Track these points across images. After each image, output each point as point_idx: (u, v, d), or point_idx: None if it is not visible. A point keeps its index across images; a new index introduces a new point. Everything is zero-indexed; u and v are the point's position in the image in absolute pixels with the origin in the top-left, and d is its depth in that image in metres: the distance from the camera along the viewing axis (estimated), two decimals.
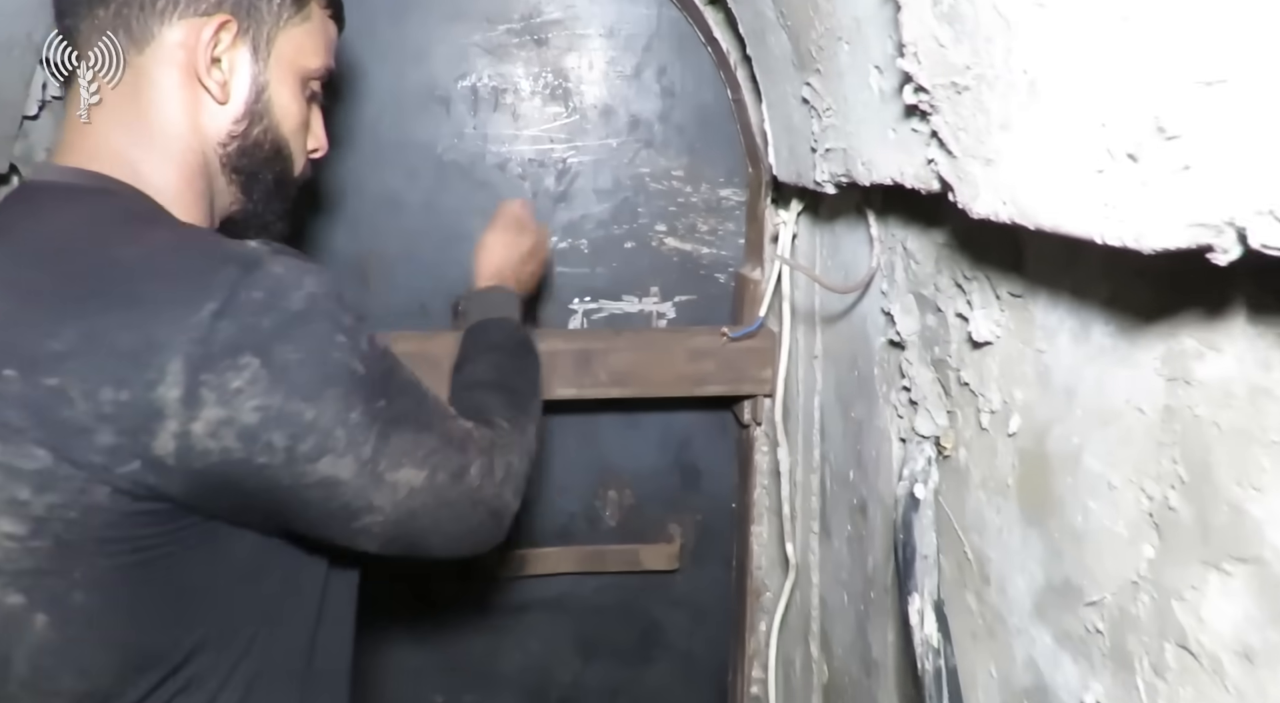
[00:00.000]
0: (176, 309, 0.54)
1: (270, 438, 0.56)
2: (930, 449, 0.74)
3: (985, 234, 0.64)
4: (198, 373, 0.53)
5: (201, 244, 0.59)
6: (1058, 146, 0.43)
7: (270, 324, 0.56)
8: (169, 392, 0.53)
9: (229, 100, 0.70)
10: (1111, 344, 0.51)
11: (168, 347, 0.53)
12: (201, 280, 0.55)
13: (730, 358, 1.25)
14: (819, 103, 0.80)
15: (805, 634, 1.22)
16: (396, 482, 0.64)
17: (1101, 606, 0.53)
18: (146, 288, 0.55)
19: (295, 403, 0.57)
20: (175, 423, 0.54)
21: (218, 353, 0.54)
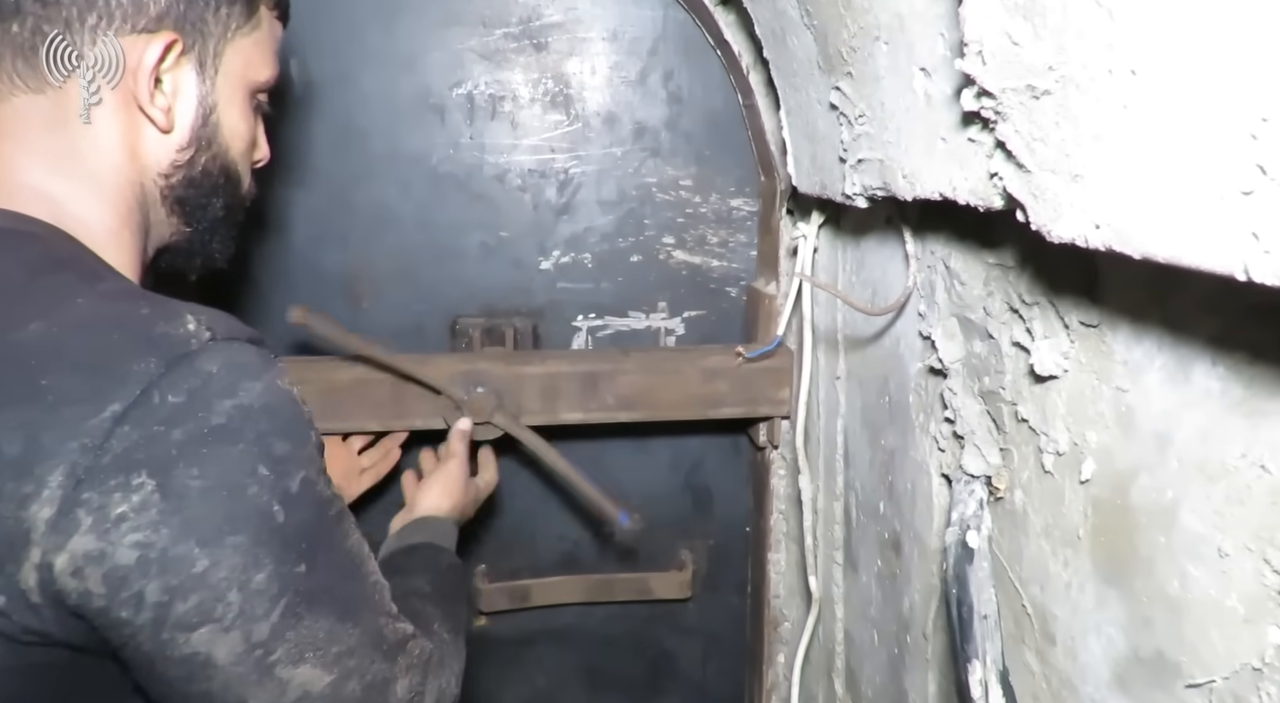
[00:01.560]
0: (75, 406, 0.44)
1: (143, 589, 0.46)
2: (981, 490, 0.67)
3: (1051, 257, 0.57)
4: (79, 490, 0.44)
5: (124, 321, 0.48)
6: (1177, 162, 0.35)
7: (181, 437, 0.46)
8: (41, 511, 0.44)
9: (173, 127, 0.61)
10: (1221, 388, 0.44)
11: (55, 454, 0.44)
12: (112, 372, 0.45)
13: (745, 378, 1.18)
14: (850, 109, 0.73)
15: (829, 670, 1.14)
16: (289, 681, 0.51)
17: (1210, 690, 0.45)
18: (45, 379, 0.45)
19: (186, 545, 0.46)
20: (38, 552, 0.44)
21: (108, 466, 0.44)
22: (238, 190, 0.69)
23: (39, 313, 0.47)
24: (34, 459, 0.44)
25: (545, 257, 1.31)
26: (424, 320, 1.28)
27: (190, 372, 0.47)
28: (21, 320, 0.47)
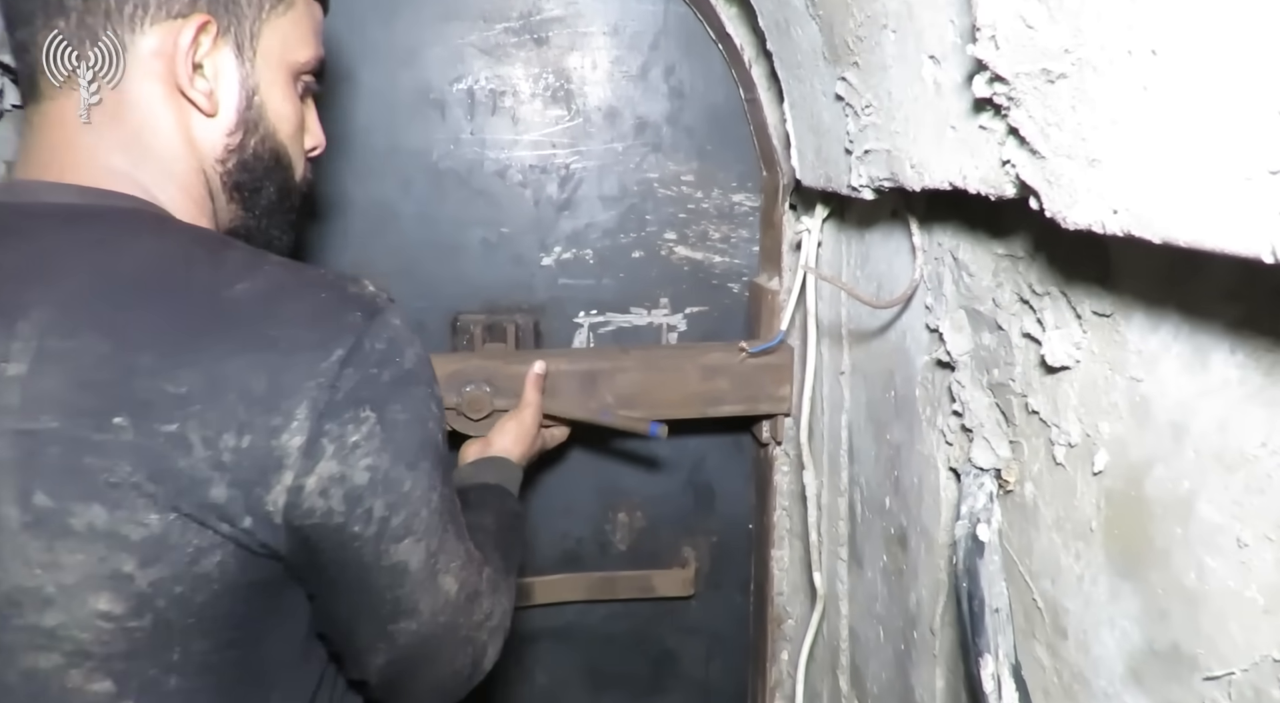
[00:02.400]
0: (307, 352, 0.51)
1: (372, 505, 0.54)
2: (991, 483, 0.67)
3: (1062, 245, 0.56)
4: (322, 422, 0.51)
5: (322, 283, 0.55)
6: (1200, 143, 0.35)
7: (388, 378, 0.53)
8: (292, 440, 0.50)
9: (218, 111, 0.62)
10: (1240, 376, 0.43)
11: (297, 391, 0.50)
12: (330, 323, 0.52)
13: (746, 375, 1.17)
14: (856, 100, 0.73)
15: (833, 668, 1.14)
16: (441, 587, 0.60)
17: (1229, 683, 0.45)
18: (273, 329, 0.51)
19: (399, 469, 0.55)
20: (291, 475, 0.50)
21: (343, 401, 0.51)
22: (289, 175, 0.69)
23: (239, 276, 0.52)
24: (279, 396, 0.50)
25: (546, 253, 1.30)
26: (425, 317, 1.27)
27: (384, 324, 0.54)
28: (228, 282, 0.52)
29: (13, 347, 0.49)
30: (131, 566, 0.48)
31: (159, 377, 0.48)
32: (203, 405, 0.48)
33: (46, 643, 0.49)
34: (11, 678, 0.49)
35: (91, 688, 0.49)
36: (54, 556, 0.48)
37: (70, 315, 0.49)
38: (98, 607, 0.48)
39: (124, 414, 0.48)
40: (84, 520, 0.48)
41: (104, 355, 0.48)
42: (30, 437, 0.48)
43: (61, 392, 0.48)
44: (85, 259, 0.52)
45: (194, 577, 0.50)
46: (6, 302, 0.50)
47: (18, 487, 0.47)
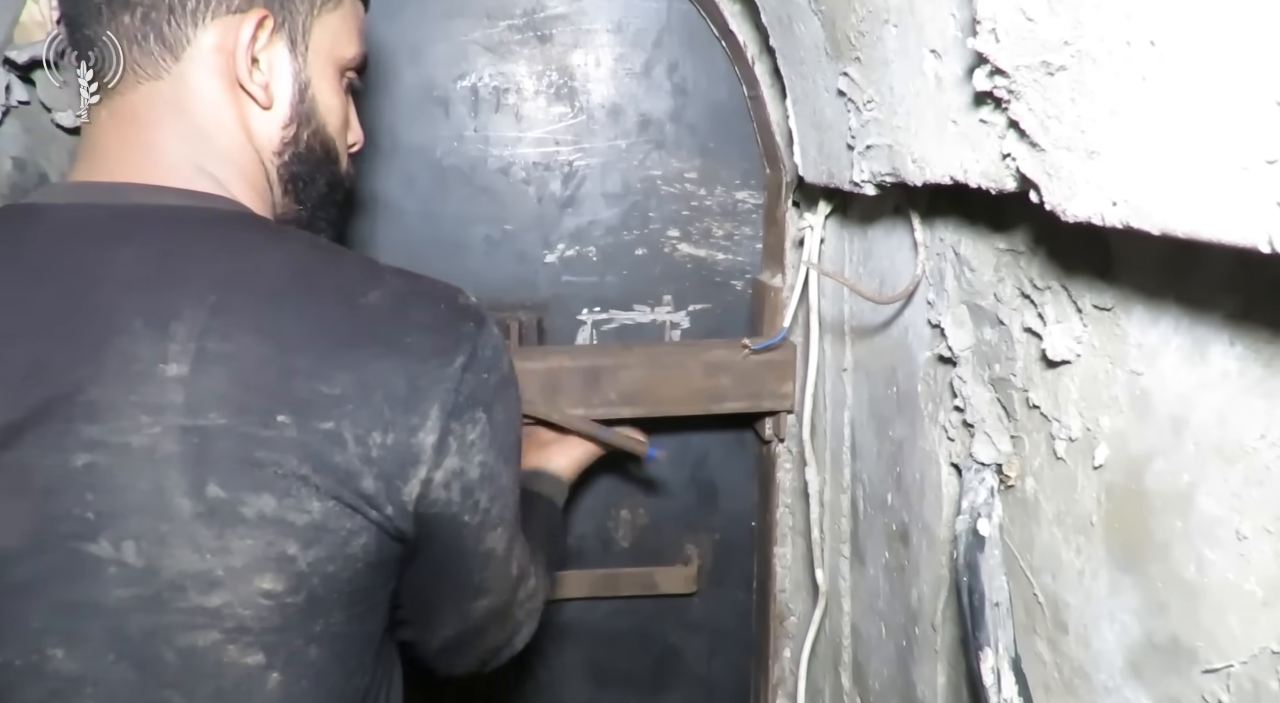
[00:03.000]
0: (436, 358, 0.56)
1: (479, 496, 0.59)
2: (992, 478, 0.67)
3: (1063, 238, 0.56)
4: (449, 421, 0.56)
5: (439, 294, 0.59)
6: (1198, 133, 0.35)
7: (494, 383, 0.59)
8: (427, 438, 0.55)
9: (273, 104, 0.63)
10: (1239, 368, 0.43)
11: (430, 394, 0.55)
12: (452, 332, 0.57)
13: (749, 372, 1.17)
14: (858, 95, 0.73)
15: (836, 664, 1.14)
16: (509, 571, 0.68)
17: (1227, 675, 0.45)
18: (408, 336, 0.55)
19: (500, 464, 0.60)
20: (424, 469, 0.56)
21: (464, 404, 0.56)
22: (337, 168, 0.71)
23: (369, 283, 0.57)
24: (416, 398, 0.54)
25: (550, 250, 1.30)
26: None
27: (489, 333, 0.59)
28: (361, 289, 0.56)
29: (170, 348, 0.51)
30: (295, 548, 0.53)
31: (316, 379, 0.52)
32: (354, 405, 0.53)
33: (208, 622, 0.52)
34: (168, 656, 0.52)
35: (245, 661, 0.53)
36: (224, 542, 0.51)
37: (223, 320, 0.52)
38: (262, 586, 0.52)
39: (286, 413, 0.52)
40: (254, 509, 0.51)
41: (264, 358, 0.52)
42: (198, 433, 0.50)
43: (226, 391, 0.51)
44: (219, 264, 0.54)
45: (344, 557, 0.55)
46: (152, 305, 0.52)
47: (190, 479, 0.50)
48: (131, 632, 0.51)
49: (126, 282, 0.53)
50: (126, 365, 0.51)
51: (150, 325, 0.51)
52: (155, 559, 0.51)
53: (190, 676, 0.53)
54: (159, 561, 0.51)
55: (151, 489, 0.50)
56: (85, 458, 0.50)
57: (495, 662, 0.75)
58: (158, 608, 0.51)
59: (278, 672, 0.54)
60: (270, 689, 0.54)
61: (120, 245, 0.54)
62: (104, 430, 0.50)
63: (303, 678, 0.55)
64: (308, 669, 0.56)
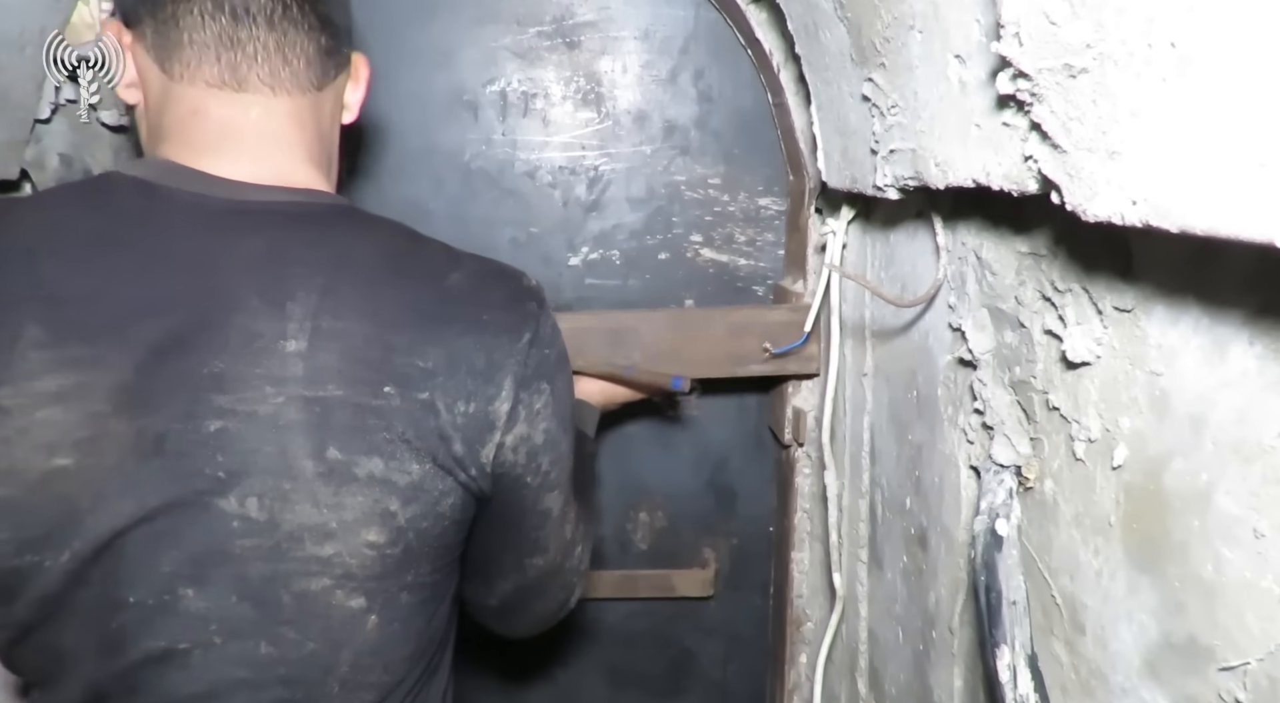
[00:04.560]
0: (508, 334, 0.61)
1: (541, 460, 0.65)
2: (1011, 480, 0.67)
3: (1084, 240, 0.57)
4: (519, 391, 0.61)
5: (506, 276, 0.65)
6: (1217, 132, 0.36)
7: (554, 357, 0.65)
8: (502, 406, 0.61)
9: (355, 119, 0.74)
10: (1259, 367, 0.43)
11: (504, 367, 0.61)
12: (519, 310, 0.63)
13: (774, 334, 1.15)
14: (883, 100, 0.74)
15: (852, 670, 1.14)
16: (565, 533, 0.73)
17: (1243, 673, 0.45)
18: (485, 314, 0.61)
19: (560, 431, 0.66)
20: (499, 434, 0.61)
21: (531, 375, 0.62)
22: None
23: (449, 267, 0.63)
24: (492, 370, 0.60)
25: (574, 253, 1.32)
26: None
27: (547, 313, 0.65)
28: (443, 272, 0.62)
29: (289, 326, 0.56)
30: (396, 505, 0.58)
31: (412, 354, 0.58)
32: (444, 377, 0.59)
33: (320, 569, 0.58)
34: (285, 599, 0.58)
35: (349, 604, 0.60)
36: (339, 498, 0.57)
37: (332, 301, 0.57)
38: (368, 538, 0.58)
39: (391, 384, 0.57)
40: (366, 470, 0.57)
41: (369, 336, 0.57)
42: (319, 403, 0.56)
43: (339, 365, 0.57)
44: (324, 251, 0.60)
45: (435, 514, 0.61)
46: (268, 286, 0.57)
47: (313, 444, 0.56)
48: (252, 577, 0.57)
49: (243, 266, 0.58)
50: (250, 341, 0.56)
51: (268, 304, 0.57)
52: (277, 513, 0.57)
53: (303, 615, 0.59)
54: (280, 515, 0.57)
55: (276, 452, 0.56)
56: (217, 424, 0.55)
57: (551, 622, 0.82)
58: (277, 557, 0.57)
59: (375, 614, 0.61)
60: (369, 630, 0.61)
61: (237, 237, 0.59)
62: (232, 400, 0.55)
63: (395, 620, 0.62)
64: (399, 613, 0.62)
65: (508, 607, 0.77)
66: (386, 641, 0.62)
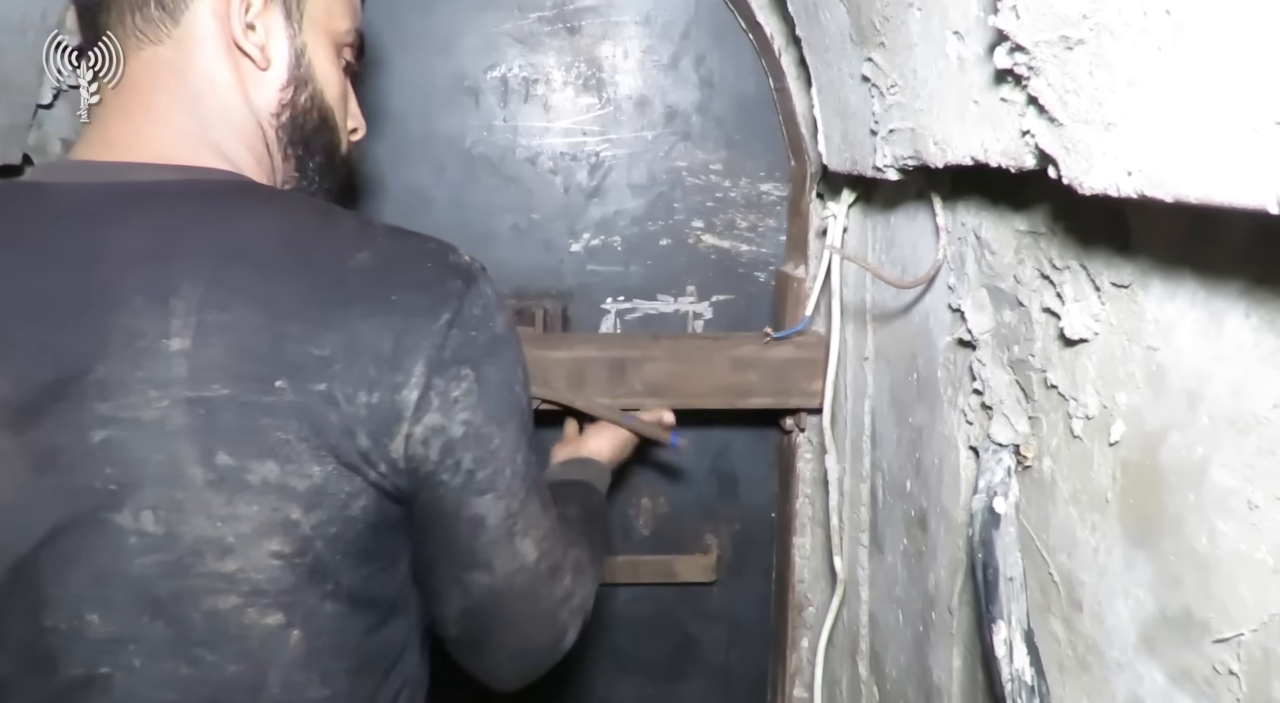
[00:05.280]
0: (422, 316, 0.55)
1: (461, 457, 0.58)
2: (1009, 459, 0.67)
3: (1083, 217, 0.57)
4: (432, 377, 0.55)
5: (427, 252, 0.59)
6: (1210, 99, 0.36)
7: (483, 341, 0.58)
8: (410, 394, 0.55)
9: (270, 65, 0.64)
10: (1255, 340, 0.43)
11: (415, 351, 0.55)
12: (438, 289, 0.57)
13: (777, 369, 1.16)
14: (882, 80, 0.74)
15: (853, 653, 1.14)
16: (517, 551, 0.63)
17: (1237, 644, 0.45)
18: (394, 294, 0.55)
19: (490, 426, 0.59)
20: (406, 425, 0.55)
21: (449, 360, 0.56)
22: (336, 139, 0.71)
23: (358, 245, 0.57)
24: (400, 355, 0.54)
25: (575, 239, 1.32)
26: None
27: (479, 292, 0.58)
28: (349, 251, 0.56)
29: (172, 323, 0.52)
30: (298, 513, 0.54)
31: (306, 342, 0.53)
32: (342, 366, 0.53)
33: (226, 586, 0.54)
34: (195, 617, 0.54)
35: (265, 622, 0.55)
36: (233, 508, 0.53)
37: (219, 291, 0.53)
38: (270, 548, 0.54)
39: (283, 377, 0.52)
40: (259, 476, 0.53)
41: (259, 326, 0.53)
42: (204, 404, 0.52)
43: (226, 361, 0.52)
44: (213, 236, 0.55)
45: (345, 519, 0.55)
46: (151, 281, 0.53)
47: (200, 449, 0.52)
48: (161, 595, 0.54)
49: (126, 259, 0.54)
50: (131, 342, 0.52)
51: (151, 301, 0.53)
52: (174, 526, 0.53)
53: (217, 636, 0.55)
54: (177, 528, 0.53)
55: (165, 460, 0.52)
56: (101, 434, 0.52)
57: (538, 666, 0.69)
58: (180, 573, 0.53)
59: (298, 629, 0.56)
60: (293, 645, 0.56)
61: (119, 225, 0.55)
62: (115, 406, 0.52)
63: (323, 634, 0.57)
64: (326, 624, 0.57)
65: (470, 636, 0.67)
66: (318, 655, 0.57)
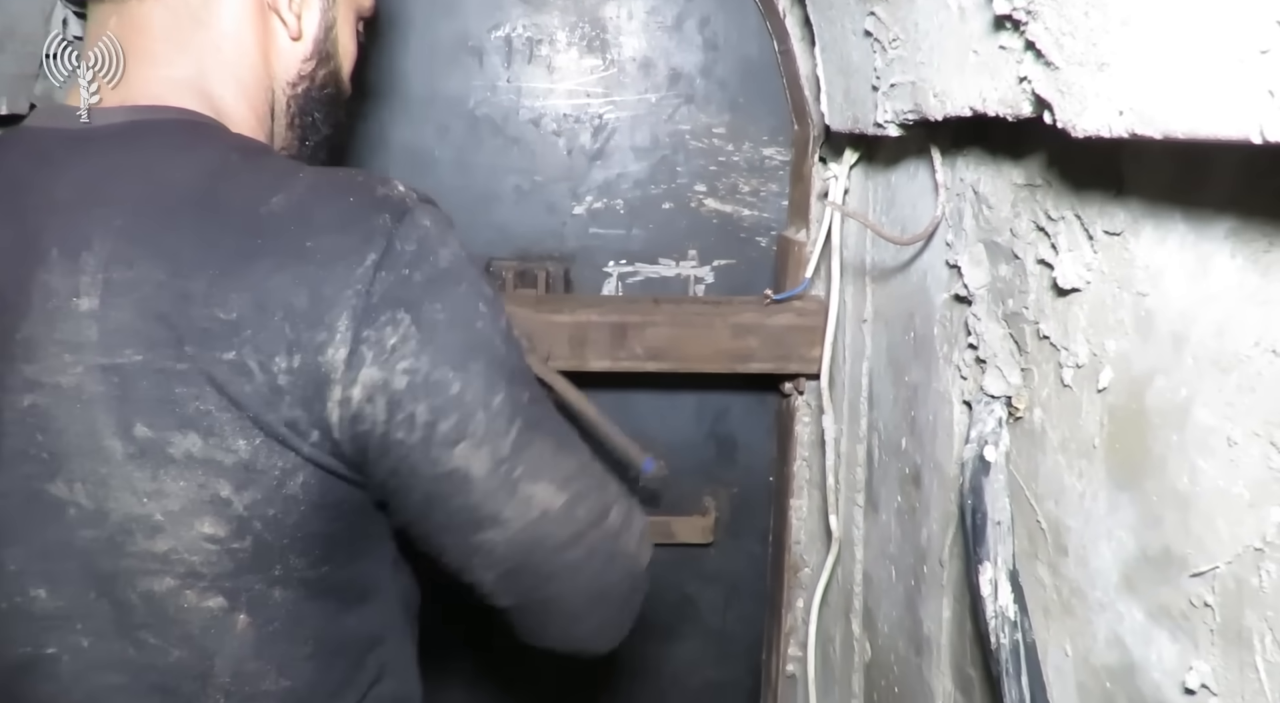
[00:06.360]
0: (343, 261, 0.49)
1: (414, 410, 0.51)
2: (1001, 410, 0.68)
3: (1077, 166, 0.58)
4: (360, 329, 0.49)
5: (350, 188, 0.52)
6: (1199, 33, 0.36)
7: (421, 279, 0.51)
8: (337, 353, 0.49)
9: (302, 36, 0.63)
10: (1239, 281, 0.44)
11: (337, 302, 0.49)
12: (360, 228, 0.50)
13: (776, 335, 1.17)
14: (884, 34, 0.74)
15: (846, 611, 1.16)
16: (531, 496, 0.55)
17: (1212, 577, 0.47)
18: (309, 239, 0.49)
19: (442, 370, 0.51)
20: (339, 388, 0.49)
21: (377, 305, 0.49)
22: (341, 112, 0.70)
23: (275, 188, 0.51)
24: (321, 309, 0.48)
25: (578, 202, 1.33)
26: None
27: (413, 224, 0.51)
28: (264, 195, 0.50)
29: (81, 281, 0.48)
30: (228, 490, 0.49)
31: (211, 304, 0.48)
32: (253, 330, 0.48)
33: (160, 567, 0.50)
34: (133, 599, 0.51)
35: (205, 605, 0.51)
36: (159, 484, 0.49)
37: (127, 244, 0.49)
38: (203, 531, 0.50)
39: (191, 343, 0.48)
40: (182, 449, 0.48)
41: (161, 283, 0.48)
42: (117, 371, 0.48)
43: (135, 324, 0.48)
44: (135, 182, 0.51)
45: (283, 499, 0.50)
46: (67, 233, 0.49)
47: (117, 420, 0.48)
48: (102, 571, 0.50)
49: (50, 209, 0.50)
50: (46, 300, 0.48)
51: (65, 255, 0.49)
52: (101, 502, 0.49)
53: (157, 619, 0.51)
54: (105, 503, 0.49)
55: (85, 431, 0.48)
56: (29, 399, 0.49)
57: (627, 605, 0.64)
58: (114, 552, 0.50)
59: (244, 614, 0.52)
60: (240, 631, 0.52)
61: (56, 172, 0.52)
62: (38, 370, 0.48)
63: (274, 620, 0.53)
64: (277, 611, 0.53)
65: (528, 602, 0.59)
66: (270, 642, 0.53)
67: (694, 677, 1.50)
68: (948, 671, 0.85)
